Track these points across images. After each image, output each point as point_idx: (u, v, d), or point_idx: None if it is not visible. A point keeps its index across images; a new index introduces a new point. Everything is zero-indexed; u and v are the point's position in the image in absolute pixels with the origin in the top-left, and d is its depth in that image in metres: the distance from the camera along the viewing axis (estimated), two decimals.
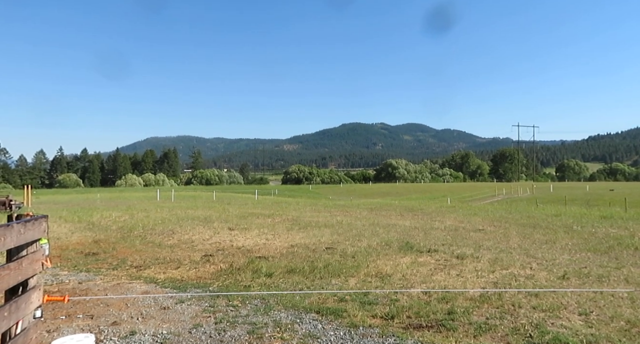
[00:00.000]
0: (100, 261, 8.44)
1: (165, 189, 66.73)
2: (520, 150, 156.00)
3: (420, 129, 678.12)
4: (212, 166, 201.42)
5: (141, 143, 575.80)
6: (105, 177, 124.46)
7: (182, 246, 10.16)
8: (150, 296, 5.76)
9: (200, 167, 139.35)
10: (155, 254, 9.12)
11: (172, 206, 22.84)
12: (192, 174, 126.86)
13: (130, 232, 12.43)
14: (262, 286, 6.33)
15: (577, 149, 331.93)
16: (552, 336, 4.19)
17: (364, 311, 5.04)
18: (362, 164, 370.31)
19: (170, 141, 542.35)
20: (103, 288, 6.37)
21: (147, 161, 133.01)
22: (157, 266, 7.85)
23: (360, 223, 14.51)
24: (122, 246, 10.29)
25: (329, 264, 7.59)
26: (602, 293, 5.66)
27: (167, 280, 6.80)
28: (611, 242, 10.16)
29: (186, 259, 8.42)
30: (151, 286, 6.40)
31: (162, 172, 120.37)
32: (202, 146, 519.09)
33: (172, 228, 13.04)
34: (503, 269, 7.27)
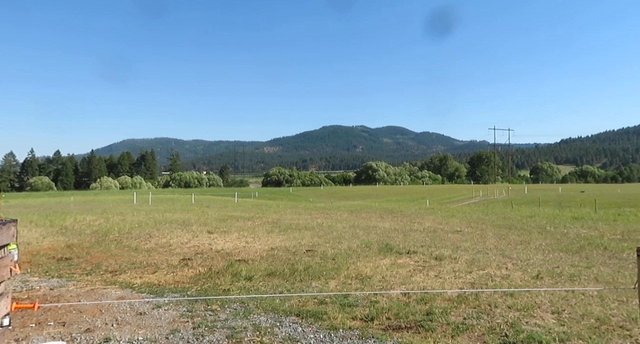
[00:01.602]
0: (74, 266, 8.19)
1: (142, 192, 65.35)
2: (496, 153, 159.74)
3: (400, 131, 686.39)
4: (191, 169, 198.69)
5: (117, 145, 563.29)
6: (79, 180, 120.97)
7: (159, 250, 9.96)
8: (126, 302, 5.62)
9: (179, 170, 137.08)
10: (132, 258, 8.91)
11: (149, 209, 22.38)
12: (171, 176, 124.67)
13: (106, 237, 12.12)
14: (242, 289, 6.26)
15: (550, 152, 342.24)
16: (526, 335, 4.30)
17: (344, 313, 5.05)
18: (343, 166, 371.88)
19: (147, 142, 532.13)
20: (76, 293, 6.18)
21: (124, 164, 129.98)
22: (134, 271, 7.68)
23: (340, 225, 14.55)
24: (96, 250, 10.01)
25: (309, 266, 7.58)
26: (573, 292, 5.84)
27: (144, 285, 6.65)
28: (582, 242, 10.50)
29: (164, 264, 8.26)
30: (127, 292, 6.25)
31: (139, 174, 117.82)
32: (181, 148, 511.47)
33: (149, 232, 12.77)
34: (480, 269, 7.42)
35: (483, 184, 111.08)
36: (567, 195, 54.14)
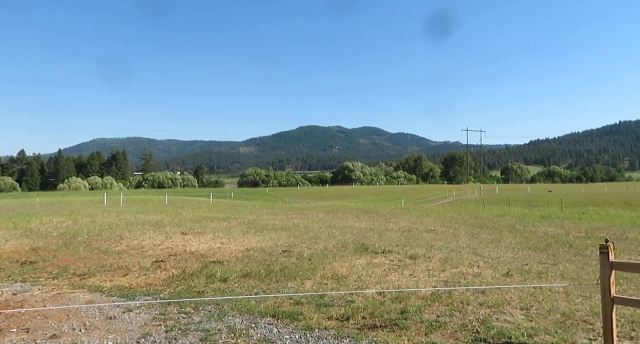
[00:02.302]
0: (39, 270, 7.86)
1: (113, 192, 63.51)
2: (469, 154, 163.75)
3: (376, 132, 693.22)
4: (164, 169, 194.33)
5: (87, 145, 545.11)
6: (45, 180, 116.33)
7: (130, 252, 9.70)
8: (95, 306, 5.44)
9: (152, 170, 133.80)
10: (101, 261, 8.64)
11: (120, 211, 21.76)
12: (143, 177, 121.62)
13: (74, 239, 11.70)
14: (217, 291, 6.18)
15: (519, 153, 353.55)
16: (496, 331, 4.42)
17: (320, 313, 5.06)
18: (319, 166, 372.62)
19: (119, 142, 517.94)
20: (41, 298, 5.94)
21: (94, 164, 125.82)
22: (103, 274, 7.44)
23: (316, 225, 14.57)
24: (63, 253, 9.65)
25: (285, 267, 7.55)
26: (541, 288, 6.05)
27: (114, 288, 6.46)
28: (549, 240, 10.89)
29: (135, 266, 8.05)
30: (96, 295, 6.06)
31: (109, 175, 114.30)
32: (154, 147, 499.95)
33: (120, 233, 12.42)
34: (453, 268, 7.58)
35: (456, 184, 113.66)
36: (535, 195, 56.04)
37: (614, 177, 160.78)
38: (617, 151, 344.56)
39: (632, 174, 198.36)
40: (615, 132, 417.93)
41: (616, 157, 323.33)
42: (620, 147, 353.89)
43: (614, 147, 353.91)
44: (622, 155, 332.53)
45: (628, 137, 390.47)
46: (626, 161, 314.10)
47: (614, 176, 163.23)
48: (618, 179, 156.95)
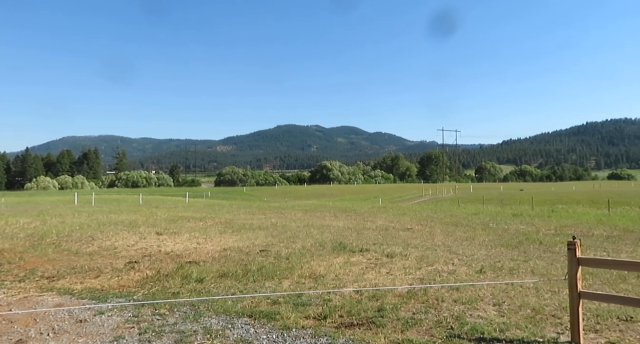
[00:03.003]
0: (4, 273, 7.54)
1: (84, 192, 61.60)
2: (444, 153, 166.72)
3: (354, 131, 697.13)
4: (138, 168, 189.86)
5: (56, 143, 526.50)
6: (12, 180, 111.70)
7: (103, 253, 9.43)
8: (64, 309, 5.27)
9: (126, 169, 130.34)
10: (72, 262, 8.36)
11: (92, 211, 21.13)
12: (116, 176, 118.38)
13: (42, 240, 11.27)
14: (192, 292, 6.08)
15: (493, 153, 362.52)
16: (470, 327, 4.52)
17: (297, 312, 5.05)
18: (298, 165, 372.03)
19: (90, 140, 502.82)
20: (6, 302, 5.70)
21: (64, 162, 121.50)
22: (74, 276, 7.21)
23: (294, 225, 14.54)
24: (31, 255, 9.29)
25: (263, 266, 7.51)
26: (512, 285, 6.23)
27: (85, 290, 6.27)
28: (521, 237, 11.22)
29: (107, 267, 7.83)
30: (66, 298, 5.86)
31: (81, 174, 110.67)
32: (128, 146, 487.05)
33: (92, 234, 12.06)
34: (428, 265, 7.71)
35: (432, 183, 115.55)
36: (508, 193, 57.62)
37: (581, 176, 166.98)
38: (584, 150, 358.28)
39: (598, 173, 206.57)
40: (583, 132, 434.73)
41: (583, 156, 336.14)
42: (587, 147, 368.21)
43: (581, 147, 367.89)
44: (588, 155, 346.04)
45: (594, 137, 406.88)
46: (592, 161, 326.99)
47: (581, 175, 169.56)
48: (585, 178, 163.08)
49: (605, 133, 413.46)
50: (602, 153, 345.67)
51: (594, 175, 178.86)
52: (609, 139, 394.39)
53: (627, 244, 10.20)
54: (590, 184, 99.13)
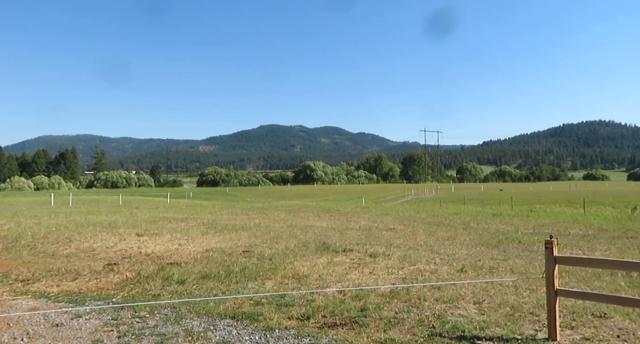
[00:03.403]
0: None
1: (61, 193, 60.01)
2: (426, 154, 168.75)
3: (337, 132, 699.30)
4: (118, 168, 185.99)
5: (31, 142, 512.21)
6: None
7: (80, 255, 9.21)
8: (40, 313, 5.12)
9: (105, 169, 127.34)
10: (48, 265, 8.14)
11: (69, 212, 20.60)
12: (95, 176, 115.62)
13: (16, 242, 10.93)
14: (174, 294, 5.99)
15: (474, 153, 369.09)
16: (451, 325, 4.59)
17: (280, 313, 5.04)
18: (281, 166, 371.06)
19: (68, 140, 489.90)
20: None
21: (39, 162, 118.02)
22: (50, 279, 7.01)
23: (278, 225, 14.49)
24: (4, 258, 9.00)
25: (246, 267, 7.46)
26: (492, 283, 6.35)
27: (62, 293, 6.11)
28: (500, 237, 11.44)
29: (85, 270, 7.65)
30: (41, 302, 5.70)
31: (58, 174, 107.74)
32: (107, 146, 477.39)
33: (70, 236, 11.76)
34: (411, 265, 7.79)
35: (415, 184, 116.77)
36: (488, 193, 58.71)
37: (558, 176, 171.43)
38: (561, 151, 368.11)
39: (574, 173, 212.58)
40: (560, 134, 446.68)
41: (560, 157, 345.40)
42: (564, 148, 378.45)
43: (558, 149, 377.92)
44: (565, 156, 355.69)
45: (571, 139, 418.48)
46: (569, 161, 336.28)
47: (558, 175, 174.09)
48: (562, 178, 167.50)
49: (581, 135, 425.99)
50: (578, 154, 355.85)
51: (570, 175, 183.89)
52: (584, 140, 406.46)
53: (601, 242, 10.51)
54: (567, 185, 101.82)
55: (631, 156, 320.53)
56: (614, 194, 46.27)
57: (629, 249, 9.48)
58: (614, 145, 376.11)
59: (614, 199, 37.84)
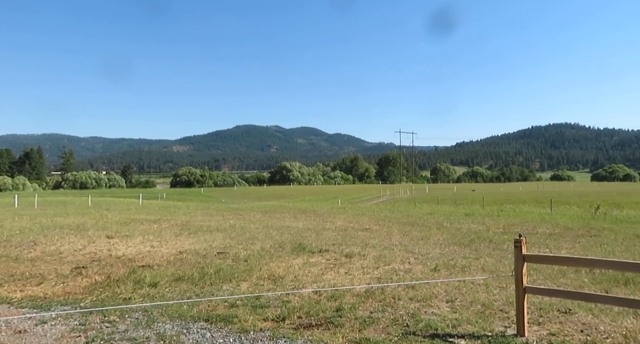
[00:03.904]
0: None
1: (26, 194, 57.53)
2: (401, 154, 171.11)
3: (314, 133, 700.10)
4: (87, 168, 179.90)
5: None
6: None
7: (46, 259, 8.85)
8: (1, 320, 4.89)
9: (73, 170, 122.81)
10: (10, 269, 7.78)
11: (34, 214, 19.78)
12: (63, 177, 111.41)
13: None
14: (145, 297, 5.85)
15: (447, 154, 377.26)
16: (424, 324, 4.67)
17: (256, 315, 5.00)
18: (257, 166, 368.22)
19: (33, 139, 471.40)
20: None
21: (2, 162, 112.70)
22: (12, 284, 6.71)
23: (253, 226, 14.37)
24: None
25: (221, 269, 7.36)
26: (464, 282, 6.50)
27: (26, 299, 5.86)
28: (472, 236, 11.73)
29: (52, 274, 7.36)
30: (3, 308, 5.44)
31: (22, 175, 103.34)
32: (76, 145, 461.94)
33: (35, 238, 11.29)
34: (386, 265, 7.87)
35: (390, 184, 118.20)
36: (461, 193, 60.06)
37: (527, 177, 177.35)
38: (529, 153, 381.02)
39: (542, 174, 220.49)
40: (528, 136, 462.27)
41: (529, 158, 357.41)
42: (532, 150, 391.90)
43: (527, 150, 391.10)
44: (533, 157, 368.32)
45: (539, 140, 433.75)
46: (537, 162, 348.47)
47: (527, 176, 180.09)
48: (530, 179, 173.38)
49: (548, 137, 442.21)
50: (545, 156, 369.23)
51: (538, 176, 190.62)
52: (551, 142, 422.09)
53: (567, 241, 10.93)
54: (535, 185, 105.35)
55: (594, 157, 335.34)
56: (579, 194, 48.23)
57: (592, 247, 9.90)
58: (578, 147, 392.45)
59: (578, 199, 39.44)
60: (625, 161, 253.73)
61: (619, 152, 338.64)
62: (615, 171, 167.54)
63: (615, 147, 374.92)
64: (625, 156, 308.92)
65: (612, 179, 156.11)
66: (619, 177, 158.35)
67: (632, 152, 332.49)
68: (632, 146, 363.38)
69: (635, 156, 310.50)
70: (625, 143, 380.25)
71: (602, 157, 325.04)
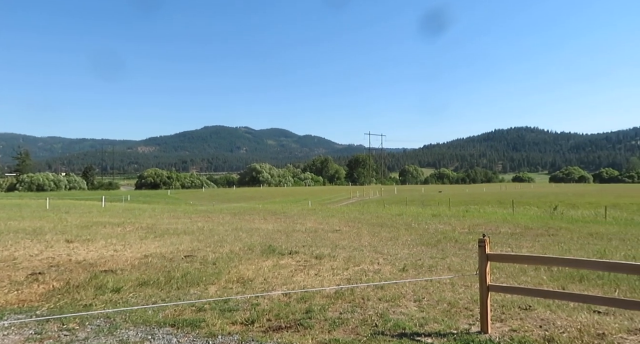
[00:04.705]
0: None
1: None
2: (371, 156, 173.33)
3: (284, 134, 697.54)
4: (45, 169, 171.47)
5: None
6: None
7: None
8: None
9: (29, 171, 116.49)
10: None
11: None
12: (17, 178, 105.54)
13: None
14: (108, 303, 5.63)
15: (415, 156, 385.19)
16: (393, 323, 4.74)
17: (224, 318, 4.91)
18: (226, 168, 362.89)
19: None
20: None
21: None
22: None
23: (222, 228, 14.14)
24: None
25: (188, 273, 7.19)
26: (431, 281, 6.65)
27: None
28: (439, 236, 12.03)
29: (4, 281, 6.95)
30: None
31: None
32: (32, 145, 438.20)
33: None
34: (355, 265, 7.94)
35: (360, 186, 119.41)
36: (428, 195, 61.42)
37: (491, 178, 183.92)
38: (493, 155, 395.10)
39: (504, 176, 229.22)
40: (492, 139, 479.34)
41: (492, 161, 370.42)
42: (495, 153, 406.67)
43: (491, 152, 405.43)
44: (496, 159, 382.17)
45: (501, 143, 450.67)
46: (500, 164, 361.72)
47: (491, 177, 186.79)
48: (494, 180, 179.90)
49: (510, 140, 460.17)
50: (508, 158, 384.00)
51: (501, 178, 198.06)
52: (513, 145, 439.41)
53: (527, 240, 11.41)
54: (498, 186, 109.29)
55: (552, 160, 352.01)
56: (538, 195, 50.46)
57: (551, 246, 10.38)
58: (538, 150, 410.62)
59: (537, 199, 41.26)
60: (580, 164, 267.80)
61: (575, 155, 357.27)
62: (571, 173, 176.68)
63: (571, 150, 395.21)
64: (580, 159, 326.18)
65: (569, 180, 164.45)
66: (575, 178, 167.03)
67: (586, 155, 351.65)
68: (586, 149, 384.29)
69: (589, 158, 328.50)
70: (580, 146, 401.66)
71: (559, 159, 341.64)
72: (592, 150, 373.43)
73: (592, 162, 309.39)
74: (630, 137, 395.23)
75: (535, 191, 68.09)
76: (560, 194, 55.00)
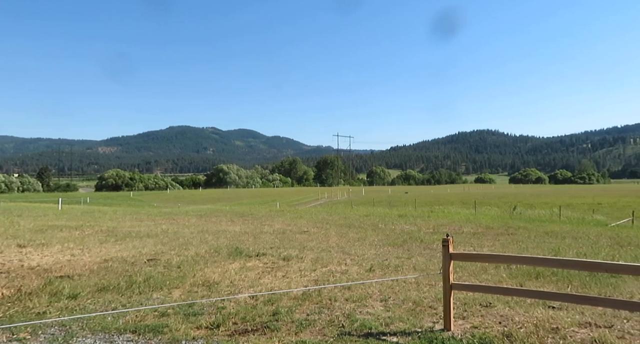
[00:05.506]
0: None
1: None
2: (339, 158, 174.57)
3: (252, 135, 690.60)
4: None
5: None
6: None
7: None
8: None
9: None
10: None
11: None
12: None
13: None
14: (63, 310, 5.36)
15: (382, 158, 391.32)
16: (359, 324, 4.78)
17: (188, 323, 4.79)
18: (192, 169, 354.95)
19: None
20: None
21: None
22: None
23: (188, 231, 13.81)
24: None
25: (151, 277, 6.96)
26: (397, 281, 6.76)
27: None
28: (405, 236, 12.26)
29: None
30: None
31: None
32: None
33: None
34: (323, 267, 7.96)
35: (328, 187, 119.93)
36: (395, 196, 62.54)
37: (455, 180, 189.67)
38: (456, 157, 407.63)
39: (467, 177, 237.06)
40: (456, 141, 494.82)
41: (456, 162, 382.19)
42: (459, 155, 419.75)
43: (455, 154, 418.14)
44: (460, 161, 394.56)
45: (465, 145, 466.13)
46: (463, 166, 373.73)
47: (455, 178, 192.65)
48: (457, 181, 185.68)
49: (473, 142, 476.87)
50: (470, 160, 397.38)
51: (464, 179, 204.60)
52: (475, 147, 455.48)
53: (488, 239, 11.83)
54: (461, 187, 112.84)
55: (512, 161, 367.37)
56: (498, 196, 52.48)
57: (510, 244, 10.81)
58: (498, 152, 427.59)
59: (498, 200, 42.91)
60: (537, 165, 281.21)
61: (532, 157, 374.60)
62: (529, 174, 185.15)
63: (529, 152, 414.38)
64: (537, 161, 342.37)
65: (527, 181, 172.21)
66: (532, 179, 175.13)
67: (543, 157, 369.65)
68: (542, 151, 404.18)
69: (545, 160, 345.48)
70: (537, 149, 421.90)
71: (518, 161, 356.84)
72: (548, 152, 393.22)
73: (547, 164, 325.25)
74: (581, 140, 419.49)
75: (496, 192, 70.72)
76: (519, 194, 57.48)
